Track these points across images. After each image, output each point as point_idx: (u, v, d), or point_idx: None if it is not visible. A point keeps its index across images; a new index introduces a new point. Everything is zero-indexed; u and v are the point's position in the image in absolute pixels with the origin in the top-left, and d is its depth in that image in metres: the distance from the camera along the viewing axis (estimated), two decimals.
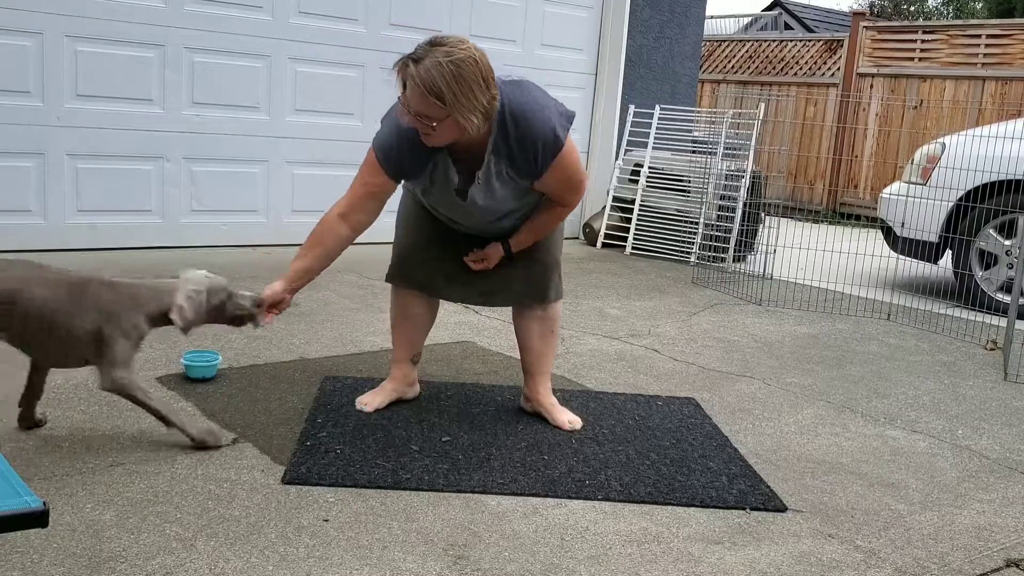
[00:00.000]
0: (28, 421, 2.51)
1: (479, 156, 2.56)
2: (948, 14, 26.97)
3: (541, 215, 2.74)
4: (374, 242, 5.90)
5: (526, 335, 2.91)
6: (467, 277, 2.84)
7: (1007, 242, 5.33)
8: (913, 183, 5.70)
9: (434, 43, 2.39)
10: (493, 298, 2.89)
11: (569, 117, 2.61)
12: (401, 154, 2.58)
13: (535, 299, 2.86)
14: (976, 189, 5.32)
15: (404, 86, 2.42)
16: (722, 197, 6.26)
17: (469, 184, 2.61)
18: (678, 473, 2.55)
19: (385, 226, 6.37)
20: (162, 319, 2.40)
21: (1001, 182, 5.26)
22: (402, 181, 2.69)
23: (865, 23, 10.69)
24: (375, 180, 2.62)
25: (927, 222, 5.48)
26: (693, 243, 6.30)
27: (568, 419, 2.86)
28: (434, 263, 2.84)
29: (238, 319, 2.53)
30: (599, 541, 2.14)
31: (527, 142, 2.52)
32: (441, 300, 2.95)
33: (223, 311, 2.50)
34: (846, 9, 24.18)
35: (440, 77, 2.34)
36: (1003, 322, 4.82)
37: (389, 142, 2.59)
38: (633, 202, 6.58)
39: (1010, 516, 2.46)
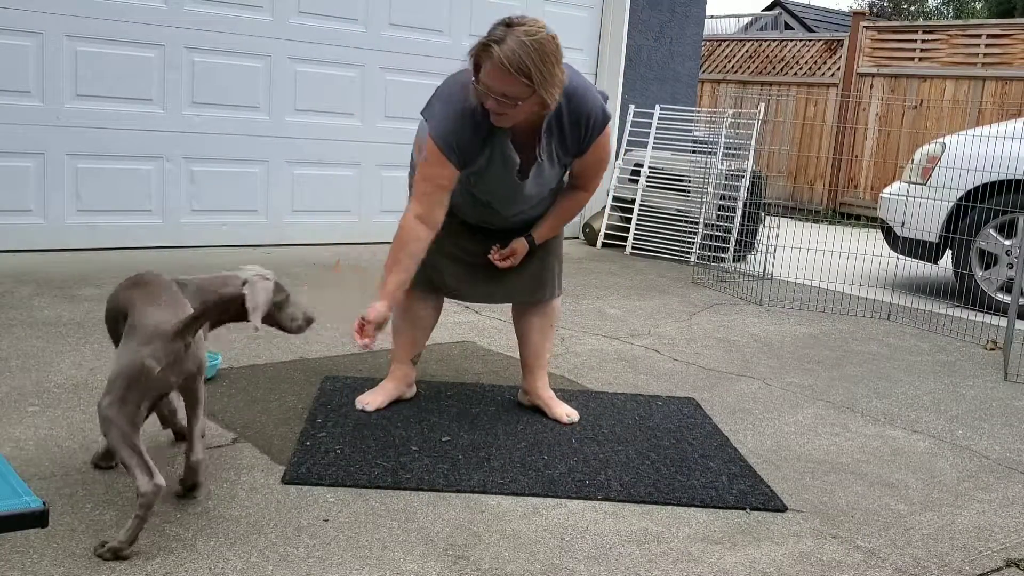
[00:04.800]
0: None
1: (531, 136, 2.60)
2: (948, 14, 26.97)
3: (563, 203, 2.80)
4: (374, 242, 5.92)
5: (527, 330, 2.93)
6: (474, 276, 2.84)
7: (1007, 242, 5.33)
8: (913, 183, 5.70)
9: (511, 24, 2.43)
10: (498, 296, 2.90)
11: (605, 96, 2.71)
12: (463, 138, 2.55)
13: (539, 295, 2.89)
14: (976, 189, 5.32)
15: (478, 69, 2.44)
16: (722, 197, 6.26)
17: (529, 164, 2.64)
18: (678, 473, 2.54)
19: (383, 226, 6.38)
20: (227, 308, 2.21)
21: (1001, 182, 5.26)
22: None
23: (865, 23, 10.69)
24: (442, 172, 2.58)
25: (927, 222, 5.48)
26: (693, 243, 6.29)
27: (566, 412, 2.89)
28: (444, 264, 2.83)
29: (289, 325, 2.36)
30: (599, 541, 2.14)
31: (580, 116, 2.59)
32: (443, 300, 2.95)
33: (280, 310, 2.34)
34: (846, 9, 24.18)
35: (526, 56, 2.38)
36: (1003, 322, 4.82)
37: (450, 127, 2.55)
38: (633, 202, 6.58)
39: (1010, 516, 2.46)
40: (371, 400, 2.86)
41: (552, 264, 2.90)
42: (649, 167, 6.59)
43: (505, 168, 2.63)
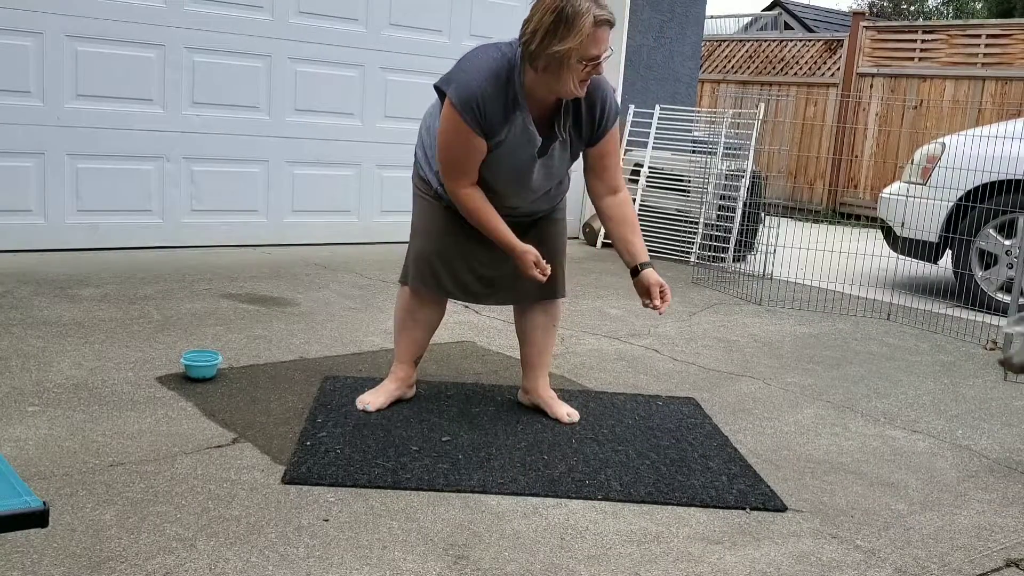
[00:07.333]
0: None
1: (549, 114, 2.60)
2: (948, 14, 26.96)
3: (621, 215, 2.74)
4: (374, 242, 5.92)
5: (530, 329, 2.93)
6: (484, 278, 2.83)
7: (1007, 242, 5.33)
8: (913, 183, 5.70)
9: None
10: (509, 296, 2.90)
11: (612, 88, 2.73)
12: (488, 101, 2.50)
13: (550, 295, 2.90)
14: (976, 189, 5.32)
15: (585, 45, 2.44)
16: (722, 197, 6.26)
17: (549, 143, 2.63)
18: (678, 473, 2.55)
19: (383, 226, 6.38)
20: None
21: (1001, 182, 5.26)
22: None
23: (865, 23, 10.69)
24: (469, 143, 2.54)
25: (927, 222, 5.48)
26: (693, 243, 6.30)
27: (567, 411, 2.89)
28: (457, 266, 2.82)
29: None
30: (599, 541, 2.14)
31: (595, 99, 2.62)
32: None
33: None
34: (846, 9, 24.16)
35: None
36: (1003, 322, 4.81)
37: (474, 88, 2.49)
38: (633, 202, 6.57)
39: (1010, 516, 2.46)
40: (372, 400, 2.86)
41: (561, 262, 2.90)
42: (649, 167, 6.59)
43: (526, 144, 2.59)
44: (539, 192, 2.75)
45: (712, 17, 16.68)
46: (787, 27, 17.16)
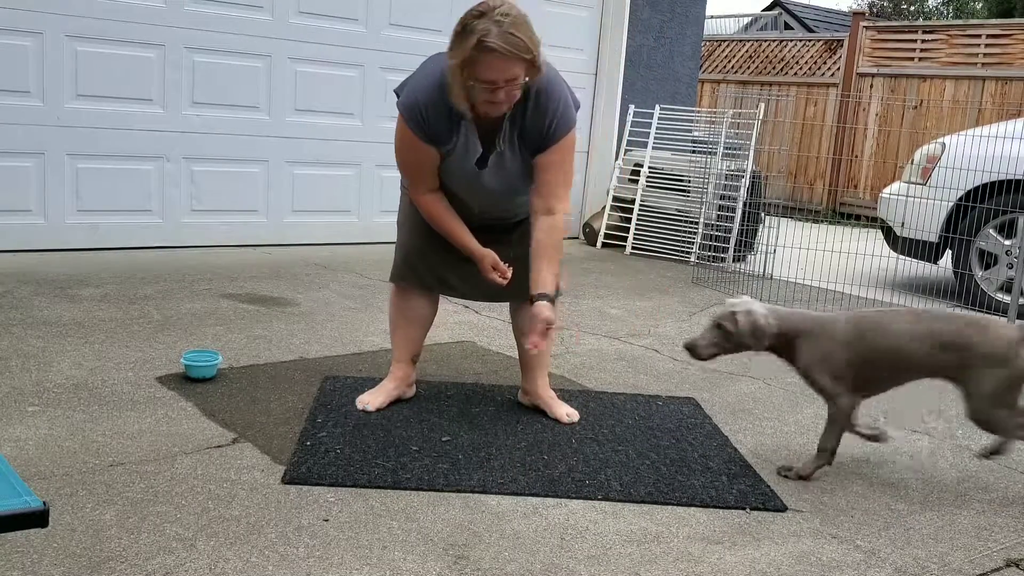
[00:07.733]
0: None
1: (495, 124, 2.59)
2: (948, 14, 26.96)
3: (541, 239, 2.61)
4: (374, 242, 5.92)
5: (527, 329, 2.92)
6: (473, 275, 2.84)
7: (1007, 242, 5.33)
8: (913, 183, 5.70)
9: (483, 12, 2.41)
10: (498, 296, 2.90)
11: (577, 103, 2.68)
12: (433, 110, 2.55)
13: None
14: (976, 189, 5.32)
15: (469, 69, 2.42)
16: (722, 197, 6.26)
17: (489, 152, 2.63)
18: (678, 473, 2.55)
19: (383, 226, 6.38)
20: None
21: (1001, 182, 5.26)
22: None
23: (865, 23, 10.69)
24: (418, 155, 2.62)
25: (927, 222, 5.48)
26: (693, 243, 6.30)
27: (566, 412, 2.90)
28: (441, 262, 2.85)
29: None
30: (599, 541, 2.14)
31: (546, 108, 2.58)
32: (441, 298, 2.96)
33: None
34: (846, 9, 24.17)
35: (519, 33, 2.43)
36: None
37: (421, 98, 2.57)
38: (633, 202, 6.58)
39: (1010, 516, 2.46)
40: (371, 400, 2.86)
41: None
42: (649, 167, 6.59)
43: (467, 155, 2.63)
44: (503, 198, 2.75)
45: (712, 17, 16.67)
46: (787, 27, 17.17)
